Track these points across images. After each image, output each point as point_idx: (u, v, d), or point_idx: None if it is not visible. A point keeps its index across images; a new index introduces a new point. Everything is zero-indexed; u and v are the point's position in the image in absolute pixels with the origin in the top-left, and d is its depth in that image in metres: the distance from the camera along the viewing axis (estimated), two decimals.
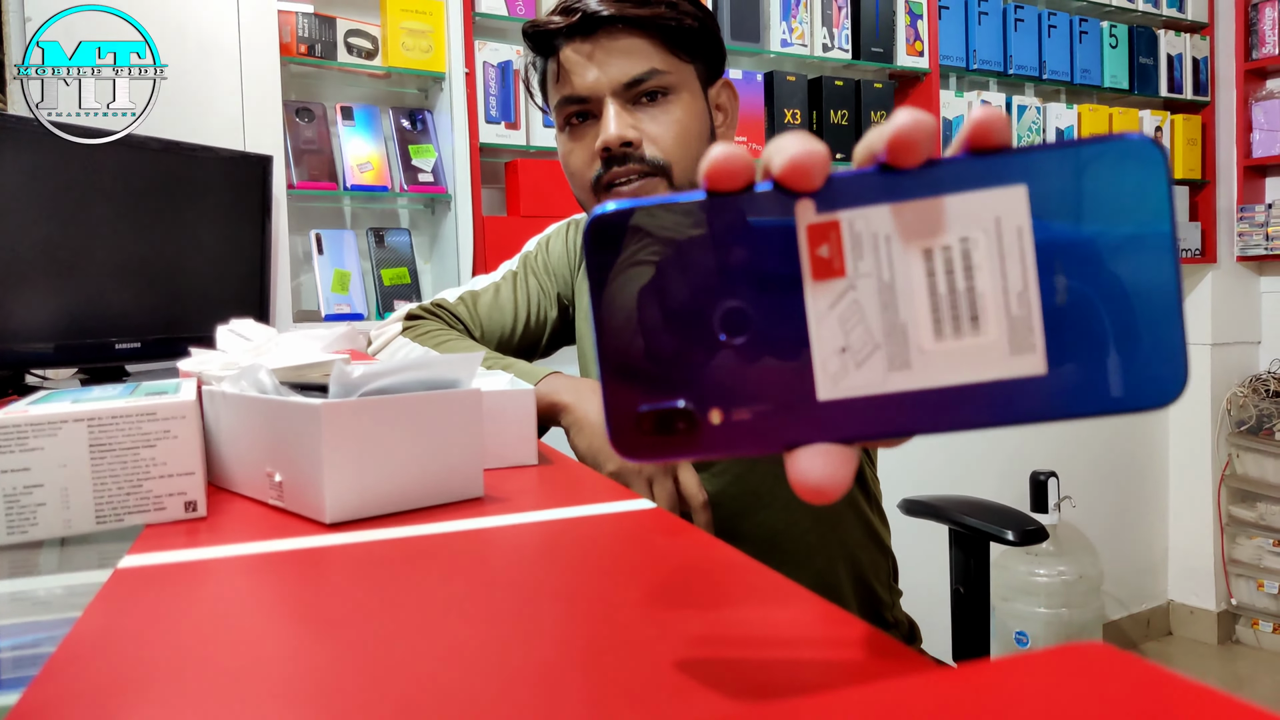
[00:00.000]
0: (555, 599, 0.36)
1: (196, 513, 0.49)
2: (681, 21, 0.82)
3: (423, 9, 1.71)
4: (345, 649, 0.31)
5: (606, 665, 0.29)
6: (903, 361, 0.25)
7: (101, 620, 0.34)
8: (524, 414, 0.61)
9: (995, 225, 0.24)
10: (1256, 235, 2.82)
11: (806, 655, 0.30)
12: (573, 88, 0.83)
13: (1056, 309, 0.24)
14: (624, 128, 0.81)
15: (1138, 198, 0.24)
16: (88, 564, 0.44)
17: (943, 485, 2.43)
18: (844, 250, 0.25)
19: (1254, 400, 2.79)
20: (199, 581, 0.39)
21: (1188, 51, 2.78)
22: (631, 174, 0.82)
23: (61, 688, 0.28)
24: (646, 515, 0.48)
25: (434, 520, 0.47)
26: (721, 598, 0.36)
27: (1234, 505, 2.83)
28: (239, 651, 0.31)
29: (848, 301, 0.25)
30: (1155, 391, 0.25)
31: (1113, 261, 0.24)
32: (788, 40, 2.07)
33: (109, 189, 1.23)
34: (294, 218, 1.68)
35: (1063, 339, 0.25)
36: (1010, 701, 0.21)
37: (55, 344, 1.16)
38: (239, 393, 0.52)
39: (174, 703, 0.27)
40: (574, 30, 0.82)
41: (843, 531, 0.92)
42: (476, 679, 0.28)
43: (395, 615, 0.34)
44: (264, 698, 0.27)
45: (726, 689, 0.26)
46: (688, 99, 0.84)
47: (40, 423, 0.45)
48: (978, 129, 0.24)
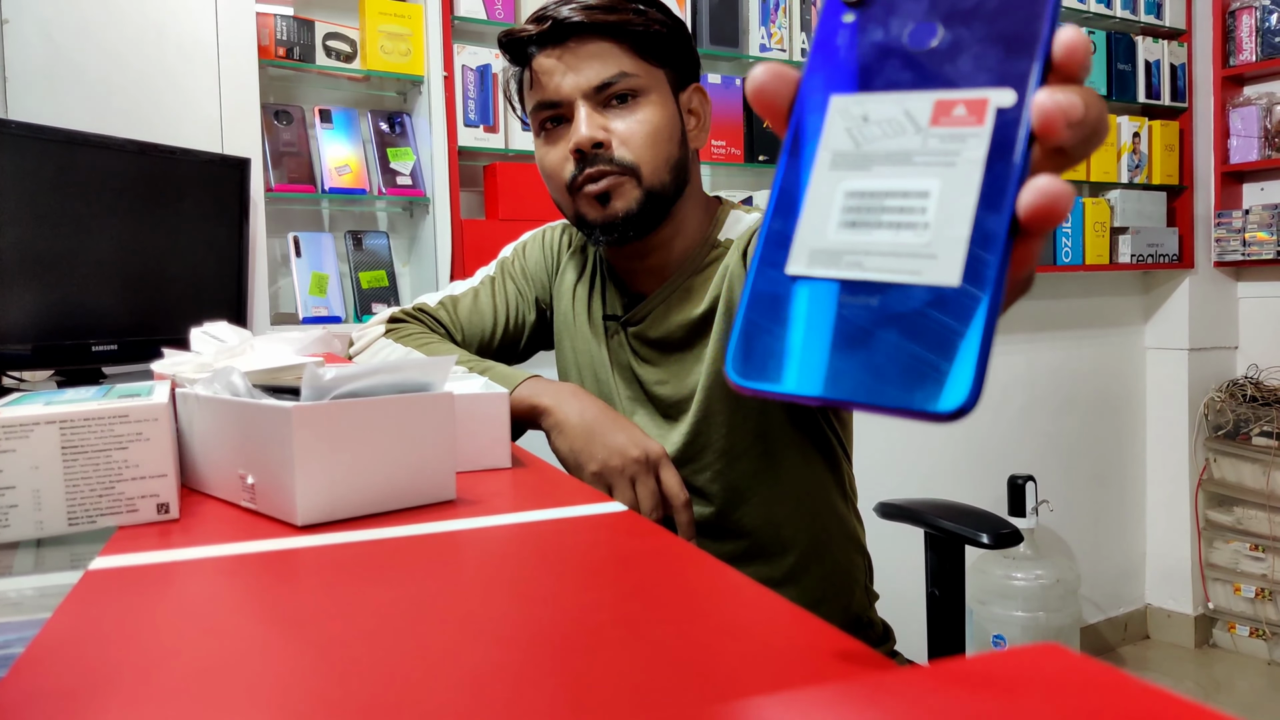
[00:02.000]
0: (525, 600, 0.37)
1: (169, 514, 0.49)
2: (649, 27, 0.84)
3: (402, 12, 1.71)
4: (314, 649, 0.31)
5: (574, 665, 0.29)
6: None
7: (71, 621, 0.34)
8: (497, 417, 0.61)
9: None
10: (1234, 241, 2.85)
11: (769, 655, 0.30)
12: (546, 93, 0.85)
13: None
14: (594, 129, 0.83)
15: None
16: (60, 565, 0.44)
17: (919, 489, 2.45)
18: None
19: (1231, 405, 2.82)
20: (170, 582, 0.39)
21: (1165, 58, 2.82)
22: (603, 174, 0.84)
23: (30, 687, 0.28)
24: (618, 518, 0.48)
25: (405, 523, 0.47)
26: (690, 599, 0.37)
27: (1211, 509, 2.86)
28: (208, 651, 0.31)
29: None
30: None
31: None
32: (766, 45, 2.09)
33: (87, 191, 1.22)
34: (272, 220, 1.67)
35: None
36: (961, 702, 0.22)
37: (32, 345, 1.15)
38: (212, 395, 0.53)
39: (142, 702, 0.27)
40: (546, 38, 0.84)
41: (819, 529, 0.93)
42: (444, 678, 0.28)
43: (365, 616, 0.34)
44: (232, 696, 0.27)
45: (691, 689, 0.27)
46: (657, 102, 0.86)
47: (12, 425, 0.46)
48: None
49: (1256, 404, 2.77)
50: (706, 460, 0.89)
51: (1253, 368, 2.90)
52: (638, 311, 0.93)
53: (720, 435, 0.88)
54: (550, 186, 0.90)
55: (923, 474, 2.52)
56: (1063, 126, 0.24)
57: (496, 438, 0.61)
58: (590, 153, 0.83)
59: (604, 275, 0.98)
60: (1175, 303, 2.92)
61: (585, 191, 0.85)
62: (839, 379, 0.24)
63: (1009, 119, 0.24)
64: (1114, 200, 2.74)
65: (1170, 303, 2.93)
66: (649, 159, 0.84)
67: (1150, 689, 0.21)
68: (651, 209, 0.85)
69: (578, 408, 0.77)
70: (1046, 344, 2.80)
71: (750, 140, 2.08)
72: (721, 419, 0.87)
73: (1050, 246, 2.59)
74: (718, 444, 0.88)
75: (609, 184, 0.84)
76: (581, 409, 0.77)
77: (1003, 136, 0.24)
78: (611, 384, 0.95)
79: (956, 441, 2.61)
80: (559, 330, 1.02)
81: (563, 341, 1.01)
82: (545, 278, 1.03)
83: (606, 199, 0.84)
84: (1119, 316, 2.95)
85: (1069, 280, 2.80)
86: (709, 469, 0.89)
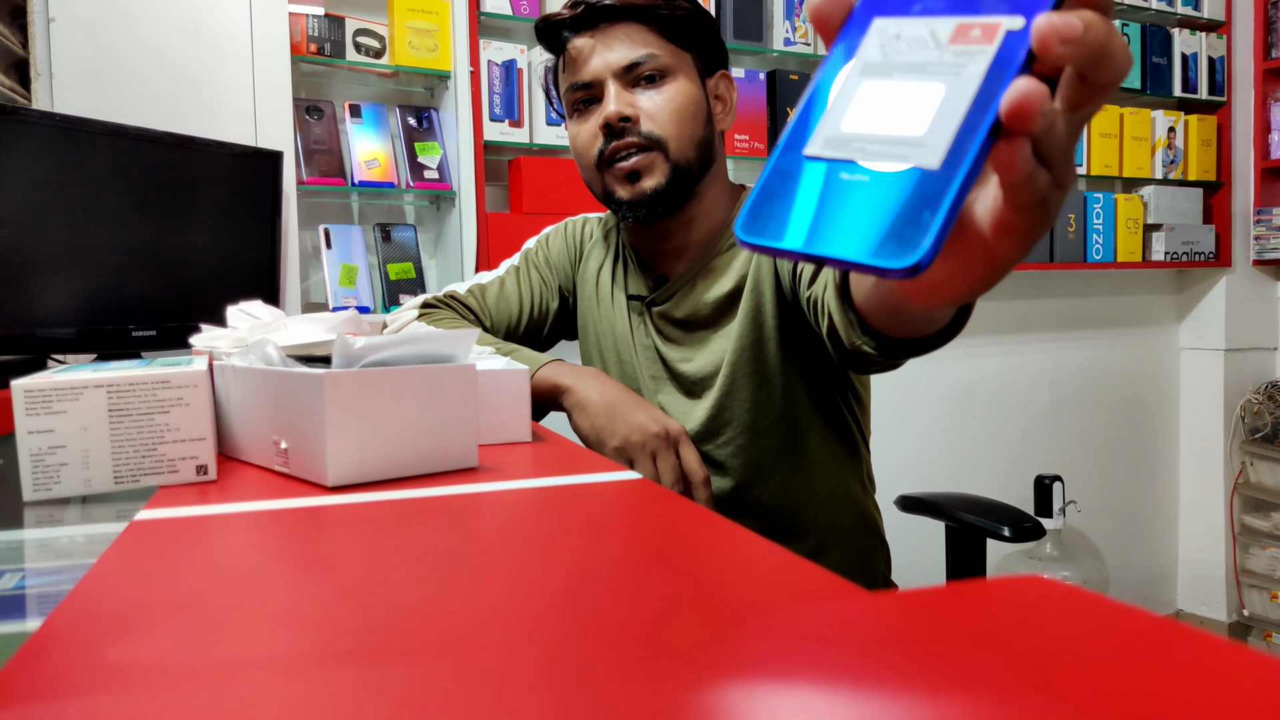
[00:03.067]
0: (541, 550, 0.38)
1: (207, 476, 0.51)
2: (674, 11, 0.88)
3: (429, 9, 1.74)
4: (341, 587, 0.33)
5: (585, 603, 0.31)
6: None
7: (118, 562, 0.37)
8: (519, 393, 0.63)
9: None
10: (1274, 239, 2.80)
11: (774, 597, 0.32)
12: (579, 74, 0.89)
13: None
14: (623, 104, 0.87)
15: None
16: (106, 518, 0.46)
17: (942, 486, 2.44)
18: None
19: (1269, 408, 2.77)
20: (209, 532, 0.41)
21: (1203, 50, 2.76)
22: (631, 147, 0.87)
23: (81, 613, 0.31)
24: (633, 484, 0.50)
25: (430, 485, 0.49)
26: (699, 551, 0.38)
27: (1247, 514, 2.81)
28: (243, 587, 0.33)
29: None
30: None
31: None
32: (790, 39, 2.09)
33: (126, 182, 1.26)
34: (303, 213, 1.71)
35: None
36: (948, 623, 0.23)
37: (76, 329, 1.20)
38: (247, 365, 0.55)
39: (182, 627, 0.29)
40: (579, 22, 0.88)
41: (839, 512, 0.94)
42: (461, 613, 0.30)
43: (389, 561, 0.36)
44: (262, 624, 0.30)
45: (695, 624, 0.29)
46: (684, 83, 0.89)
47: (63, 388, 0.48)
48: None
49: None
50: (729, 435, 0.91)
51: None
52: (662, 292, 0.95)
53: (744, 410, 0.90)
54: (581, 164, 0.93)
55: (947, 471, 2.51)
56: (1055, 43, 0.27)
57: (517, 412, 0.63)
58: (618, 126, 0.87)
59: (627, 259, 1.00)
60: (1211, 302, 2.87)
61: (615, 169, 0.88)
62: (820, 238, 0.27)
63: (1015, 39, 0.28)
64: (1147, 196, 2.70)
65: (1206, 302, 2.88)
66: (675, 134, 0.87)
67: (1127, 609, 0.22)
68: (678, 185, 0.88)
69: (599, 387, 0.79)
70: (1076, 342, 2.77)
71: (773, 133, 2.09)
72: (745, 395, 0.89)
73: (1080, 242, 2.57)
74: (741, 419, 0.90)
75: (638, 161, 0.87)
76: (602, 389, 0.79)
77: (1006, 54, 0.28)
78: (635, 364, 0.97)
79: (982, 439, 2.59)
80: (583, 315, 1.04)
81: (586, 325, 1.04)
82: (568, 266, 1.06)
83: (636, 177, 0.88)
84: (1152, 315, 2.91)
85: (1099, 277, 2.77)
86: (731, 444, 0.91)
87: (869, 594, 0.25)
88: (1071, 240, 2.55)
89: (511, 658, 0.23)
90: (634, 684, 0.20)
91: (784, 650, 0.22)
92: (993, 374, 2.61)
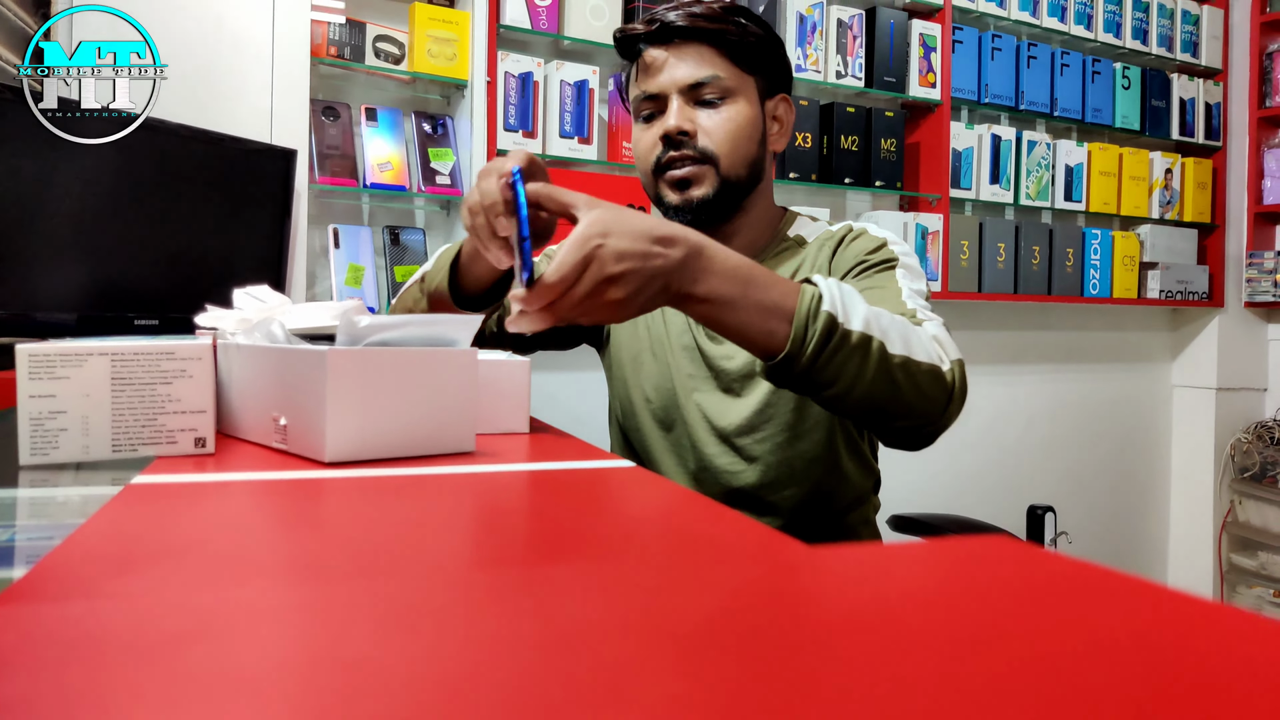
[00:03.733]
0: (528, 520, 0.39)
1: (205, 449, 0.52)
2: (744, 38, 0.94)
3: (449, 19, 1.77)
4: (329, 542, 0.34)
5: (563, 565, 0.32)
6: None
7: (112, 518, 0.37)
8: (519, 383, 0.64)
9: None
10: (1265, 282, 2.83)
11: (747, 566, 0.33)
12: (648, 85, 0.94)
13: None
14: (683, 120, 0.92)
15: None
16: (102, 483, 0.47)
17: (937, 510, 2.43)
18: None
19: (1258, 447, 2.78)
20: (204, 497, 0.42)
21: (1200, 96, 2.81)
22: (686, 159, 0.92)
23: (75, 558, 0.31)
24: (628, 472, 0.51)
25: (426, 465, 0.50)
26: (681, 525, 0.39)
27: (1235, 553, 2.82)
28: (235, 543, 0.34)
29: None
30: None
31: None
32: (802, 66, 2.12)
33: (138, 172, 1.27)
34: (314, 211, 1.73)
35: None
36: (917, 578, 0.24)
37: (78, 315, 1.20)
38: (251, 343, 0.56)
39: (174, 573, 0.30)
40: (653, 37, 0.94)
41: (848, 532, 0.97)
42: (443, 569, 0.31)
43: (381, 525, 0.37)
44: (251, 574, 0.30)
45: (669, 587, 0.29)
46: (744, 105, 0.94)
47: (69, 354, 0.49)
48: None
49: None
50: (769, 432, 0.93)
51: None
52: None
53: (788, 409, 0.92)
54: (639, 167, 0.99)
55: (941, 496, 2.51)
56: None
57: (517, 403, 0.64)
58: (677, 138, 0.92)
59: None
60: (1204, 341, 2.89)
61: (668, 176, 0.93)
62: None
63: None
64: (1144, 235, 2.73)
65: (1199, 341, 2.90)
66: (728, 152, 0.92)
67: (1083, 565, 0.23)
68: (726, 198, 0.93)
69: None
70: (1072, 375, 2.78)
71: (783, 159, 2.11)
72: (791, 395, 0.91)
73: (1079, 277, 2.59)
74: (784, 417, 0.92)
75: (690, 172, 0.92)
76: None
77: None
78: (670, 363, 0.98)
79: (977, 468, 2.60)
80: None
81: (615, 331, 1.05)
82: None
83: (686, 185, 0.92)
84: (1146, 352, 2.93)
85: (1096, 312, 2.79)
86: (770, 440, 0.93)
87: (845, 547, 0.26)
88: (1069, 274, 2.57)
89: (496, 579, 0.23)
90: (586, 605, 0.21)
91: (742, 605, 0.23)
92: (991, 403, 2.63)
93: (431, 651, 0.18)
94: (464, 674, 0.17)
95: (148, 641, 0.18)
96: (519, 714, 0.15)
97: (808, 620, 0.21)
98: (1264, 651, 0.18)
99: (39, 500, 0.44)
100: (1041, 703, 0.15)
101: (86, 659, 0.17)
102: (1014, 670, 0.17)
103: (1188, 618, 0.20)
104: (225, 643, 0.19)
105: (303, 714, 0.15)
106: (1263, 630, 0.19)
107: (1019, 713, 0.15)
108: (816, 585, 0.24)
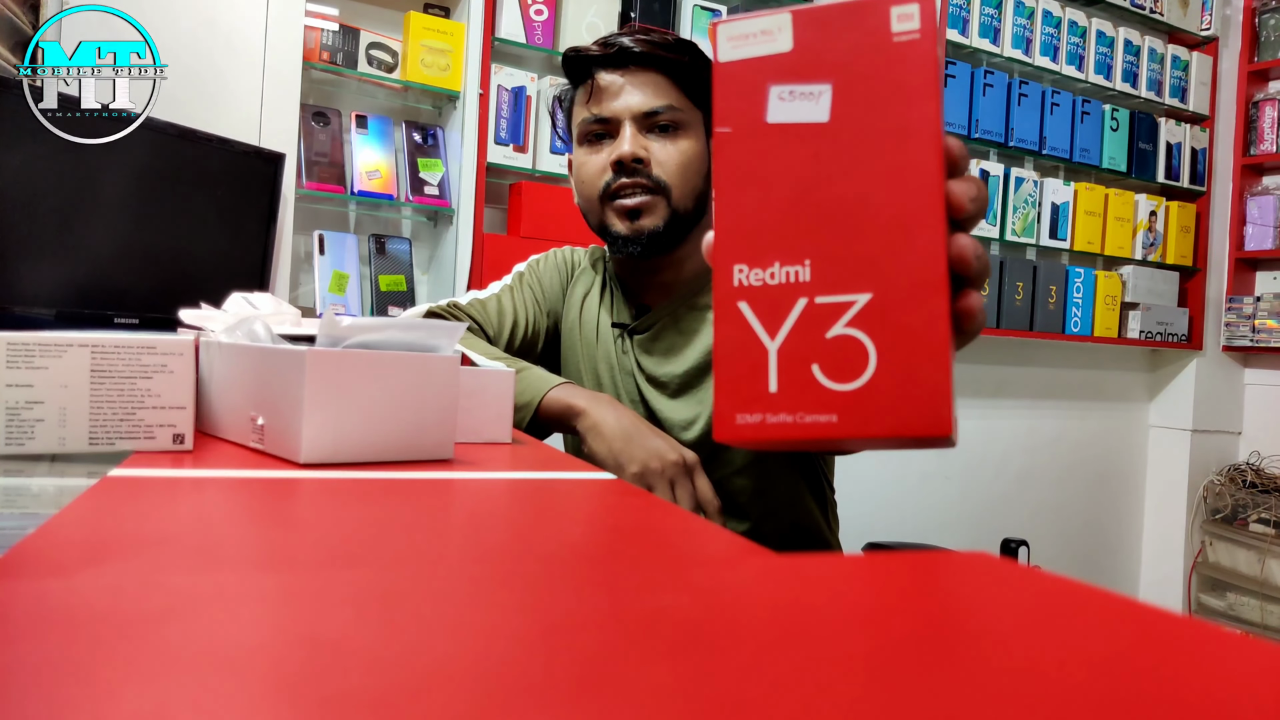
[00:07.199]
0: (504, 523, 0.39)
1: (183, 445, 0.52)
2: (701, 70, 0.93)
3: (444, 29, 1.78)
4: (305, 537, 0.34)
5: (540, 564, 0.32)
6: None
7: (87, 509, 0.37)
8: (502, 393, 0.64)
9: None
10: (1243, 326, 2.88)
11: (723, 575, 0.33)
12: (600, 108, 0.93)
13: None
14: (637, 146, 0.91)
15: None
16: (78, 475, 0.46)
17: (911, 540, 2.44)
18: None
19: (1231, 490, 2.82)
20: (180, 491, 0.42)
21: (1186, 141, 2.87)
22: (638, 186, 0.91)
23: (46, 546, 0.31)
24: (607, 483, 0.50)
25: (402, 470, 0.50)
26: (660, 535, 0.39)
27: (1204, 593, 2.84)
28: (209, 536, 0.34)
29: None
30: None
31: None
32: None
33: (123, 169, 1.27)
34: (300, 217, 1.72)
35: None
36: (892, 590, 0.24)
37: (56, 311, 1.19)
38: (232, 342, 0.56)
39: (148, 562, 0.30)
40: (609, 61, 0.93)
41: (803, 541, 0.97)
42: (418, 562, 0.31)
43: (354, 524, 0.37)
44: (228, 562, 0.30)
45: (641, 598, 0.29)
46: (694, 137, 0.94)
47: (48, 344, 0.49)
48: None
49: (1256, 490, 2.76)
50: (745, 458, 0.93)
51: (1255, 454, 2.90)
52: (644, 321, 0.97)
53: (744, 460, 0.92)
54: (581, 192, 0.96)
55: (916, 526, 2.52)
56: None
57: (500, 413, 0.64)
58: (630, 166, 0.91)
59: (613, 288, 1.02)
60: (1181, 383, 2.93)
61: (617, 204, 0.92)
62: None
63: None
64: (1126, 275, 2.77)
65: (1176, 382, 2.94)
66: (680, 184, 0.92)
67: (1062, 580, 0.23)
68: (674, 230, 0.92)
69: (614, 413, 0.80)
70: (1050, 411, 2.81)
71: None
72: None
73: (1060, 314, 2.62)
74: (726, 452, 0.91)
75: (641, 201, 0.91)
76: (618, 415, 0.80)
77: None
78: (615, 388, 0.98)
79: (952, 500, 2.61)
80: (566, 337, 1.06)
81: (569, 348, 1.05)
82: (559, 290, 1.08)
83: (637, 215, 0.92)
84: (1124, 391, 2.96)
85: (1076, 350, 2.82)
86: (746, 472, 0.93)
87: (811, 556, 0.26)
88: (1052, 311, 2.60)
89: (473, 573, 0.23)
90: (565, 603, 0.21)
91: (722, 618, 0.23)
92: (968, 436, 2.64)
93: (408, 634, 0.18)
94: (442, 655, 0.17)
95: (125, 617, 0.18)
96: (496, 691, 0.15)
97: (783, 622, 0.21)
98: (1241, 667, 0.18)
99: (12, 490, 0.44)
100: (1020, 713, 0.15)
101: (64, 633, 0.17)
102: (990, 679, 0.17)
103: (1163, 632, 0.21)
104: (203, 621, 0.19)
105: (281, 687, 0.15)
106: (1235, 645, 0.19)
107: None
108: (790, 591, 0.24)
